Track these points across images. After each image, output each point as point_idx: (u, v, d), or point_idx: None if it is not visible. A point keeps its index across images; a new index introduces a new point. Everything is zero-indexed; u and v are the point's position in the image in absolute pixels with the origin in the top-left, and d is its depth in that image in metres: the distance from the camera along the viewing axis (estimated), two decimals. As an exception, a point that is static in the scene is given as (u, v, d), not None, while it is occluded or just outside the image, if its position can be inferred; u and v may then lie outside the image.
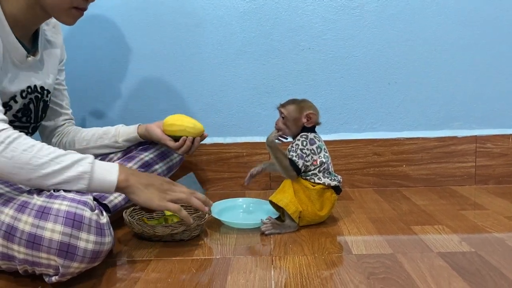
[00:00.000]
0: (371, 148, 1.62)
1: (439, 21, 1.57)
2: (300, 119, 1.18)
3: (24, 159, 0.82)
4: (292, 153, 1.16)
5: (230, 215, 1.27)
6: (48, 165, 0.84)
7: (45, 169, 0.84)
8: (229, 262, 0.97)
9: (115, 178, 0.90)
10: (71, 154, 0.87)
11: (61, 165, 0.85)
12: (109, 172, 0.90)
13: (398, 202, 1.42)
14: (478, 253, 0.98)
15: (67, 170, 0.86)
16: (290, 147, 1.18)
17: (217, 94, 1.62)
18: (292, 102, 1.20)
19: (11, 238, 0.82)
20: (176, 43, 1.60)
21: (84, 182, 0.87)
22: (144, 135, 1.27)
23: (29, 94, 1.06)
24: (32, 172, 0.83)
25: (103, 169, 0.90)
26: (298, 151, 1.15)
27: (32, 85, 1.07)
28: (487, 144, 1.61)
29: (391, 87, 1.61)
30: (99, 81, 1.62)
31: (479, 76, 1.59)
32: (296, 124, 1.19)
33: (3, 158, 0.81)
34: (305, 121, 1.18)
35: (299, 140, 1.17)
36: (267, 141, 1.17)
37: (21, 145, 0.83)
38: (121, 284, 0.88)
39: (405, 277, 0.87)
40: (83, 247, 0.81)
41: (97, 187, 0.89)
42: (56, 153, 0.85)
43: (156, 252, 1.04)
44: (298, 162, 1.15)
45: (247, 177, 1.28)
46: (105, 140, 1.28)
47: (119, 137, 1.28)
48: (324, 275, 0.89)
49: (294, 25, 1.59)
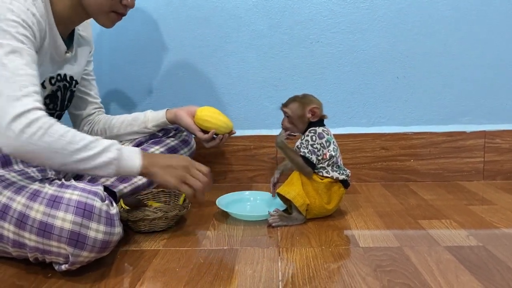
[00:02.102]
0: (379, 142, 1.61)
1: (449, 15, 1.56)
2: (304, 115, 1.18)
3: (61, 145, 0.85)
4: (304, 149, 1.16)
5: (237, 207, 1.28)
6: (81, 151, 0.87)
7: (78, 155, 0.86)
8: (236, 253, 0.98)
9: (139, 163, 0.94)
10: (100, 141, 0.90)
11: (93, 151, 0.88)
12: (133, 158, 0.94)
13: (405, 197, 1.42)
14: (485, 247, 0.98)
15: (98, 156, 0.88)
16: (300, 144, 1.18)
17: (225, 87, 1.63)
18: (293, 100, 1.20)
19: (23, 225, 0.83)
20: (184, 36, 1.60)
21: (112, 167, 0.90)
22: (173, 121, 1.29)
23: (58, 82, 1.10)
24: (66, 157, 0.86)
25: (128, 155, 0.93)
26: (309, 147, 1.15)
27: (62, 73, 1.11)
28: (496, 139, 1.60)
29: (400, 81, 1.60)
30: (108, 73, 1.63)
31: (488, 71, 1.58)
32: (302, 121, 1.19)
33: (42, 143, 0.84)
34: (310, 116, 1.18)
35: (308, 135, 1.17)
36: (276, 143, 1.17)
37: (57, 131, 0.85)
38: (130, 273, 0.89)
39: (412, 270, 0.87)
40: (93, 236, 0.82)
41: (122, 172, 0.93)
42: (87, 140, 0.88)
43: (164, 242, 1.05)
44: (311, 157, 1.15)
45: (271, 189, 1.29)
46: (135, 126, 1.31)
47: (148, 122, 1.30)
48: (331, 267, 0.89)
49: (302, 18, 1.58)
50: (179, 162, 1.01)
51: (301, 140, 1.18)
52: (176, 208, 1.12)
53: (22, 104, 0.83)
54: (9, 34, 0.86)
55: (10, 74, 0.84)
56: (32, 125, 0.82)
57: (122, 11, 1.07)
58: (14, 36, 0.86)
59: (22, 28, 0.88)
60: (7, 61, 0.84)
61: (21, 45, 0.87)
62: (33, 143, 0.83)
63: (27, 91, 0.84)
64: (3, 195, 0.87)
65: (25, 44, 0.88)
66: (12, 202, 0.85)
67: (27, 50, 0.88)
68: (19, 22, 0.88)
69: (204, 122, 1.24)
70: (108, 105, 1.64)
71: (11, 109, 0.82)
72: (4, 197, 0.86)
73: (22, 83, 0.84)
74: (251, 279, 0.85)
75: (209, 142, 1.25)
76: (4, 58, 0.84)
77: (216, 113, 1.26)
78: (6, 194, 0.87)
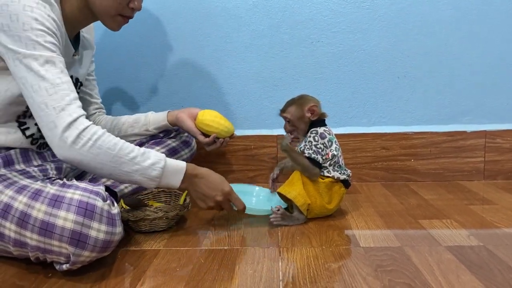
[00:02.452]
0: (379, 142, 1.61)
1: (449, 14, 1.56)
2: (304, 115, 1.19)
3: (108, 157, 0.89)
4: (308, 150, 1.16)
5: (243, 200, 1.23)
6: (127, 165, 0.91)
7: (124, 168, 0.91)
8: (237, 253, 0.98)
9: (178, 184, 0.99)
10: (147, 155, 0.94)
11: (139, 166, 0.92)
12: (174, 178, 0.99)
13: (406, 196, 1.42)
14: (486, 247, 0.98)
15: (143, 171, 0.93)
16: (304, 146, 1.17)
17: (225, 86, 1.63)
18: (291, 103, 1.21)
19: (24, 225, 0.83)
20: (185, 36, 1.60)
21: (154, 184, 0.96)
22: (174, 123, 1.30)
23: None
24: (113, 169, 0.91)
25: (171, 174, 0.98)
26: (313, 147, 1.15)
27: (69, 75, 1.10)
28: (496, 139, 1.60)
29: (401, 81, 1.60)
30: (109, 73, 1.63)
31: (489, 70, 1.58)
32: (303, 122, 1.20)
33: (91, 155, 0.87)
34: (309, 115, 1.18)
35: (310, 137, 1.17)
36: (281, 147, 1.16)
37: (106, 142, 0.89)
38: (130, 273, 0.89)
39: (413, 269, 0.87)
40: (94, 236, 0.82)
41: (161, 186, 0.98)
42: (134, 153, 0.92)
43: (165, 242, 1.05)
44: (317, 157, 1.15)
45: (270, 184, 1.30)
46: (136, 129, 1.31)
47: (150, 125, 1.30)
48: (332, 267, 0.89)
49: (303, 17, 1.58)
50: (217, 196, 1.06)
51: (304, 142, 1.18)
52: (177, 208, 1.12)
53: (68, 114, 0.86)
54: (39, 45, 0.87)
55: (50, 85, 0.86)
56: (82, 136, 0.87)
57: (129, 14, 1.07)
58: (44, 46, 0.88)
59: (49, 36, 0.89)
60: (44, 72, 0.86)
61: (52, 54, 0.89)
62: (83, 153, 0.87)
63: (69, 100, 0.87)
64: (5, 194, 0.87)
65: (54, 51, 0.89)
66: (13, 201, 0.85)
67: (58, 57, 0.90)
68: (45, 30, 0.89)
69: (205, 126, 1.24)
70: (109, 106, 1.64)
71: (59, 120, 0.85)
72: (6, 197, 0.86)
73: (62, 92, 0.87)
74: (251, 279, 0.85)
75: (210, 146, 1.26)
76: (41, 69, 0.86)
77: (217, 117, 1.26)
78: (8, 193, 0.87)
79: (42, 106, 0.86)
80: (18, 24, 0.86)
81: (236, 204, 1.09)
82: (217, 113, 1.27)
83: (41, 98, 0.86)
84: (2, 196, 0.87)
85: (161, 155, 0.96)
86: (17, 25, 0.86)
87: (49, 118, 0.86)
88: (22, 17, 0.86)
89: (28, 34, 0.86)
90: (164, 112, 1.30)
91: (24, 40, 0.86)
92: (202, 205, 1.07)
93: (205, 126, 1.24)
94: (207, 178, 1.05)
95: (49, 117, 0.86)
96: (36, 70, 0.86)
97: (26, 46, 0.86)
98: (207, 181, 1.05)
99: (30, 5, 0.87)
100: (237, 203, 1.10)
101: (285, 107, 1.22)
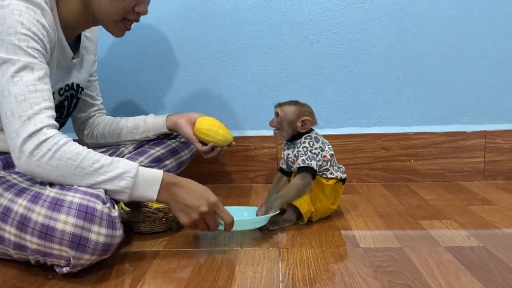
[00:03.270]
0: (379, 142, 1.61)
1: (449, 14, 1.56)
2: (295, 122, 1.16)
3: (69, 169, 0.84)
4: (302, 157, 1.14)
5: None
6: (91, 176, 0.86)
7: (88, 179, 0.86)
8: (236, 254, 0.98)
9: (154, 196, 0.90)
10: (114, 165, 0.87)
11: (104, 177, 0.86)
12: (149, 189, 0.90)
13: (406, 197, 1.42)
14: (486, 248, 0.98)
15: (110, 182, 0.87)
16: (297, 152, 1.15)
17: (224, 87, 1.63)
18: (292, 103, 1.17)
19: (24, 228, 0.83)
20: (184, 36, 1.60)
21: (125, 196, 0.88)
22: (172, 129, 1.27)
23: (66, 92, 1.09)
24: (77, 181, 0.86)
25: (144, 184, 0.89)
26: (308, 153, 1.14)
27: (70, 83, 1.09)
28: (496, 139, 1.60)
29: (400, 82, 1.60)
30: (109, 74, 1.63)
31: (489, 70, 1.58)
32: (290, 127, 1.17)
33: (50, 167, 0.83)
34: (300, 125, 1.16)
35: (304, 142, 1.15)
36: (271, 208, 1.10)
37: (67, 153, 0.84)
38: (130, 274, 0.89)
39: (413, 270, 0.87)
40: (95, 239, 0.82)
41: (135, 199, 0.90)
42: (100, 163, 0.86)
43: (165, 243, 1.05)
44: (311, 163, 1.13)
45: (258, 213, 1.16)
46: (136, 135, 1.29)
47: (150, 132, 1.28)
48: (332, 268, 0.89)
49: (303, 18, 1.58)
50: (201, 206, 0.92)
51: (297, 149, 1.16)
52: None
53: (33, 124, 0.82)
54: (20, 49, 0.84)
55: (21, 92, 0.83)
56: (42, 146, 0.82)
57: (134, 18, 1.04)
58: (25, 51, 0.85)
59: (33, 41, 0.86)
60: (18, 79, 0.83)
61: (32, 60, 0.85)
62: (41, 166, 0.83)
63: (38, 109, 0.84)
64: (5, 197, 0.87)
65: (36, 58, 0.86)
66: (13, 204, 0.85)
67: (39, 64, 0.87)
68: (30, 35, 0.86)
69: (203, 135, 1.20)
70: (109, 106, 1.64)
71: (22, 129, 0.82)
72: (6, 200, 0.86)
73: (33, 100, 0.83)
74: (251, 280, 0.85)
75: (207, 154, 1.22)
76: (16, 75, 0.83)
77: (215, 126, 1.21)
78: (7, 196, 0.87)
79: (8, 113, 0.83)
80: (3, 27, 0.84)
81: (223, 217, 0.95)
82: (215, 121, 1.22)
83: (9, 105, 0.82)
84: (1, 199, 0.87)
85: (133, 164, 0.89)
86: (2, 28, 0.84)
87: (12, 127, 0.82)
88: (9, 20, 0.84)
89: (11, 38, 0.84)
90: (163, 117, 1.27)
91: (6, 44, 0.84)
92: (186, 219, 0.93)
93: (202, 135, 1.20)
94: (189, 187, 0.94)
95: (13, 125, 0.82)
96: (10, 75, 0.83)
97: (7, 51, 0.83)
98: (189, 189, 0.93)
99: (19, 9, 0.85)
100: (225, 215, 0.96)
101: (284, 103, 1.18)
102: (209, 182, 1.64)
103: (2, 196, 0.87)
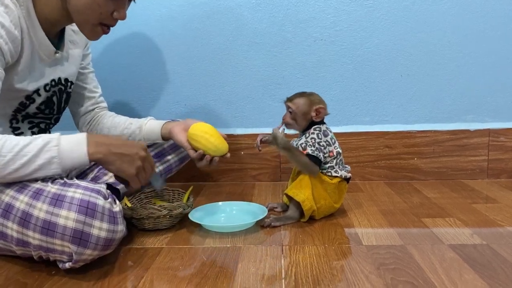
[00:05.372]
0: (382, 140, 1.61)
1: (453, 12, 1.55)
2: (309, 113, 1.16)
3: None
4: (311, 147, 1.13)
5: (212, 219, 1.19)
6: (14, 161, 0.82)
7: (13, 165, 0.83)
8: (239, 251, 0.98)
9: (85, 153, 0.87)
10: (36, 141, 0.84)
11: (28, 156, 0.83)
12: (77, 149, 0.87)
13: (409, 195, 1.41)
14: (489, 246, 0.97)
15: (35, 159, 0.84)
16: (305, 142, 1.15)
17: (228, 85, 1.63)
18: (300, 95, 1.17)
19: (26, 224, 0.84)
20: (187, 34, 1.60)
21: (55, 166, 0.85)
22: (167, 138, 1.24)
23: (53, 87, 1.07)
24: (2, 171, 0.83)
25: (71, 147, 0.86)
26: (316, 144, 1.13)
27: (56, 78, 1.08)
28: (500, 137, 1.59)
29: (404, 80, 1.59)
30: (110, 73, 1.63)
31: (492, 68, 1.57)
32: (305, 118, 1.17)
33: None
34: (314, 115, 1.16)
35: (313, 133, 1.15)
36: (279, 144, 1.12)
37: None
38: (133, 271, 0.89)
39: (416, 268, 0.87)
40: (96, 234, 0.82)
41: (70, 166, 0.87)
42: (20, 145, 0.83)
43: (168, 240, 1.06)
44: (319, 155, 1.13)
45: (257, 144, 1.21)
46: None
47: (144, 140, 1.25)
48: (334, 265, 0.89)
49: (306, 16, 1.58)
50: (133, 150, 0.92)
51: (305, 138, 1.16)
52: (181, 207, 1.12)
53: None
54: None
55: None
56: None
57: (111, 23, 1.01)
58: None
59: None
60: None
61: None
62: None
63: None
64: (6, 194, 0.87)
65: None
66: (15, 201, 0.85)
67: None
68: None
69: (193, 141, 1.15)
70: (110, 106, 1.64)
71: None
72: (7, 196, 0.86)
73: None
74: (254, 277, 0.85)
75: (199, 162, 1.15)
76: None
77: (208, 133, 1.14)
78: (9, 193, 0.87)
79: None
80: None
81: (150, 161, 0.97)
82: (209, 129, 1.15)
83: None
84: (3, 195, 0.87)
85: (54, 134, 0.86)
86: None
87: None
88: None
89: None
90: (159, 126, 1.23)
91: None
92: (132, 169, 0.92)
93: (192, 141, 1.14)
94: (116, 138, 0.93)
95: None
96: None
97: None
98: (119, 140, 0.92)
99: None
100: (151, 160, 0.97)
101: (293, 96, 1.17)
102: (211, 180, 1.65)
103: (3, 193, 0.87)
